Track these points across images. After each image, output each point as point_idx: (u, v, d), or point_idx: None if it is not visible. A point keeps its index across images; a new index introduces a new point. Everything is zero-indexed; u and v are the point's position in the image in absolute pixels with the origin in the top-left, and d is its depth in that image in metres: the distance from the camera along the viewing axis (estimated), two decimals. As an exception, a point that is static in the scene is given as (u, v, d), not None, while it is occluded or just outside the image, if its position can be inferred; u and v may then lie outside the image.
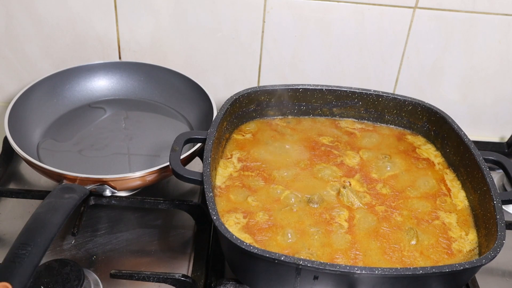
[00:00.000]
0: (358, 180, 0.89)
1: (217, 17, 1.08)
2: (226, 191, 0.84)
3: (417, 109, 0.98)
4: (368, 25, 1.08)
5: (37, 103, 1.04)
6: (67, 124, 1.06)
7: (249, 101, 0.97)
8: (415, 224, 0.82)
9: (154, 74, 1.13)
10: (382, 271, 0.67)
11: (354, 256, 0.76)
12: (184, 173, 0.78)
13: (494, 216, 0.76)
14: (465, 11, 1.05)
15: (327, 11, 1.07)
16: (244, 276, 0.78)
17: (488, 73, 1.14)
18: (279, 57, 1.14)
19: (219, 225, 0.70)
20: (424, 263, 0.76)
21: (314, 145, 0.96)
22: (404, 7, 1.05)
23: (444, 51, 1.11)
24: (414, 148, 0.97)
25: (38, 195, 0.93)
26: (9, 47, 1.13)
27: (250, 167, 0.89)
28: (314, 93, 0.99)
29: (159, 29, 1.11)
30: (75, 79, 1.10)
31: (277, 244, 0.76)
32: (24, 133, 0.98)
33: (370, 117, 1.02)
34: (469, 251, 0.79)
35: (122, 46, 1.14)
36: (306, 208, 0.83)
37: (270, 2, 1.06)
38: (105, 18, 1.10)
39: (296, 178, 0.88)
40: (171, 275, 0.80)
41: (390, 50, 1.12)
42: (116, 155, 1.00)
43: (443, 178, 0.91)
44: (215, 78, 1.17)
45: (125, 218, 0.96)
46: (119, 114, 1.10)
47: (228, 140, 0.94)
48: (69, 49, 1.14)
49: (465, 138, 0.89)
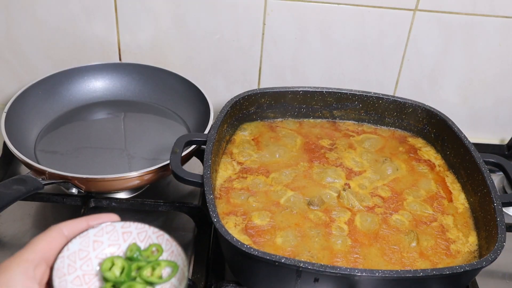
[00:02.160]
0: (359, 182, 0.89)
1: (217, 19, 1.09)
2: (226, 194, 0.84)
3: (417, 112, 0.98)
4: (368, 28, 1.08)
5: (35, 103, 1.04)
6: (65, 125, 1.06)
7: (250, 103, 0.97)
8: (414, 226, 0.82)
9: (153, 76, 1.13)
10: (382, 273, 0.67)
11: (354, 259, 0.76)
12: (184, 175, 0.78)
13: (494, 218, 0.76)
14: (465, 13, 1.05)
15: (328, 13, 1.07)
16: (245, 278, 0.78)
17: (488, 75, 1.14)
18: (280, 59, 1.14)
19: (220, 227, 0.70)
20: (423, 265, 0.76)
21: (314, 147, 0.96)
22: (404, 10, 1.05)
23: (444, 54, 1.11)
24: (415, 150, 0.97)
25: (38, 197, 0.93)
26: (9, 50, 1.14)
27: (250, 169, 0.89)
28: (315, 96, 0.99)
29: (159, 32, 1.11)
30: (74, 79, 1.10)
31: (277, 246, 0.76)
32: (21, 134, 0.98)
33: (371, 120, 1.02)
34: (468, 252, 0.79)
35: (122, 48, 1.14)
36: (306, 210, 0.83)
37: (270, 5, 1.06)
38: (106, 20, 1.10)
39: (296, 180, 0.88)
40: (171, 277, 0.80)
41: (390, 53, 1.12)
42: (114, 156, 1.00)
43: (444, 180, 0.91)
44: (215, 80, 1.17)
45: (125, 220, 0.96)
46: (118, 115, 1.10)
47: (229, 142, 0.94)
48: (69, 52, 1.14)
49: (465, 140, 0.89)
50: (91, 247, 0.57)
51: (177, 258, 0.58)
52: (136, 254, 0.58)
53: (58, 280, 0.52)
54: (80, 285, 0.55)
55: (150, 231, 0.59)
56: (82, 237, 0.56)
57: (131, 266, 0.57)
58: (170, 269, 0.57)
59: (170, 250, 0.58)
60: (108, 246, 0.58)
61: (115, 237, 0.59)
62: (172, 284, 0.56)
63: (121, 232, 0.59)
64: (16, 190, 0.79)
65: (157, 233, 0.59)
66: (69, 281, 0.54)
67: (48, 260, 0.52)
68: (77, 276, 0.55)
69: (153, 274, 0.57)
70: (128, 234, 0.59)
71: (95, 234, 0.57)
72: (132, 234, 0.59)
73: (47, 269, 0.52)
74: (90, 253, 0.57)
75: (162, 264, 0.57)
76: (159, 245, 0.59)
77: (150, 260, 0.58)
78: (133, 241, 0.59)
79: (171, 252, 0.58)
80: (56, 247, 0.53)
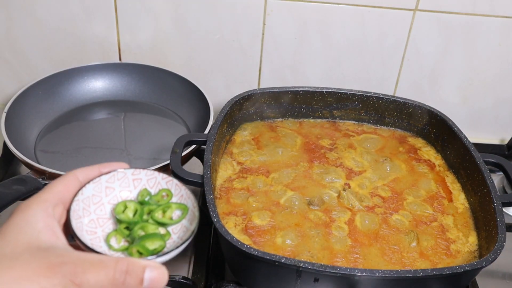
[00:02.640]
0: (359, 182, 0.89)
1: (217, 19, 1.09)
2: (226, 194, 0.84)
3: (417, 112, 0.98)
4: (368, 28, 1.08)
5: (35, 103, 1.04)
6: (65, 125, 1.06)
7: (250, 103, 0.97)
8: (414, 226, 0.82)
9: (153, 76, 1.13)
10: (382, 273, 0.67)
11: (354, 259, 0.76)
12: (184, 175, 0.78)
13: (494, 218, 0.76)
14: (465, 13, 1.05)
15: (328, 13, 1.07)
16: (245, 278, 0.78)
17: (488, 75, 1.14)
18: (280, 59, 1.14)
19: (220, 227, 0.70)
20: (423, 265, 0.76)
21: (314, 147, 0.96)
22: (404, 10, 1.06)
23: (444, 54, 1.11)
24: (415, 150, 0.97)
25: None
26: (9, 50, 1.14)
27: (250, 169, 0.89)
28: (315, 96, 0.99)
29: (159, 32, 1.11)
30: (74, 79, 1.10)
31: (277, 246, 0.76)
32: (21, 134, 0.99)
33: (371, 120, 1.02)
34: (468, 252, 0.79)
35: (122, 48, 1.14)
36: (306, 210, 0.83)
37: (270, 5, 1.06)
38: (106, 20, 1.10)
39: (296, 180, 0.88)
40: (171, 277, 0.80)
41: (390, 53, 1.12)
42: (114, 156, 1.00)
43: (444, 180, 0.91)
44: (215, 80, 1.17)
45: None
46: (118, 115, 1.10)
47: (229, 142, 0.94)
48: (69, 52, 1.14)
49: (465, 140, 0.89)
50: (103, 193, 0.59)
51: (187, 201, 0.60)
52: (147, 198, 0.60)
53: (75, 221, 0.54)
54: (95, 227, 0.57)
55: (160, 177, 0.61)
56: (95, 183, 0.58)
57: (143, 209, 0.59)
58: (180, 212, 0.59)
59: (179, 194, 0.60)
60: (120, 192, 0.60)
61: (126, 183, 0.60)
62: (183, 225, 0.59)
63: (131, 179, 0.61)
64: (16, 190, 0.79)
65: (166, 179, 0.61)
66: (84, 223, 0.56)
67: (65, 202, 0.54)
68: (92, 220, 0.57)
69: (164, 216, 0.59)
70: (139, 181, 0.61)
71: (107, 181, 0.59)
72: (142, 180, 0.61)
73: (64, 210, 0.54)
74: (103, 199, 0.59)
75: (172, 207, 0.59)
76: (168, 190, 0.61)
77: (161, 204, 0.60)
78: (143, 187, 0.61)
79: (181, 196, 0.60)
80: (72, 190, 0.55)
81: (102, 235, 0.57)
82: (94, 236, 0.56)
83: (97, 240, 0.56)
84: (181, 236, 0.57)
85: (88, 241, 0.53)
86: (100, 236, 0.57)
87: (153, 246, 0.55)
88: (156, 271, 0.48)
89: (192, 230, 0.57)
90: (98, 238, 0.56)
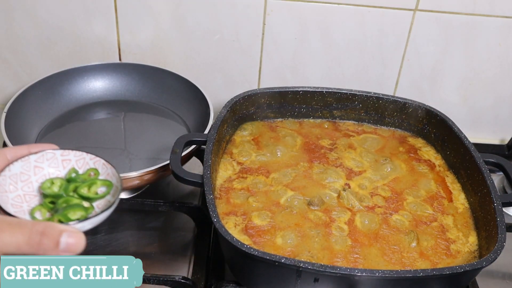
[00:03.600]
0: (359, 182, 0.89)
1: (217, 19, 1.09)
2: (226, 194, 0.84)
3: (417, 112, 0.98)
4: (369, 28, 1.08)
5: (35, 103, 1.04)
6: (65, 125, 1.06)
7: (250, 103, 0.97)
8: (414, 226, 0.82)
9: (153, 76, 1.13)
10: (382, 273, 0.67)
11: (354, 259, 0.76)
12: (184, 175, 0.78)
13: (494, 218, 0.76)
14: (466, 13, 1.05)
15: (328, 13, 1.07)
16: (245, 278, 0.78)
17: (488, 75, 1.14)
18: (280, 59, 1.14)
19: (220, 227, 0.70)
20: (423, 265, 0.76)
21: (314, 147, 0.96)
22: (404, 10, 1.06)
23: (444, 54, 1.11)
24: (415, 150, 0.97)
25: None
26: (9, 50, 1.14)
27: (250, 169, 0.89)
28: (315, 96, 0.99)
29: (159, 32, 1.11)
30: (74, 79, 1.10)
31: (277, 246, 0.76)
32: (21, 134, 0.98)
33: (371, 120, 1.02)
34: (468, 252, 0.79)
35: (122, 48, 1.14)
36: (306, 210, 0.83)
37: (270, 5, 1.06)
38: (106, 20, 1.10)
39: (296, 180, 0.88)
40: (171, 277, 0.80)
41: (390, 53, 1.12)
42: (114, 156, 1.00)
43: (444, 180, 0.91)
44: (215, 80, 1.17)
45: (125, 220, 0.96)
46: (118, 115, 1.10)
47: (229, 142, 0.94)
48: (69, 52, 1.14)
49: (465, 140, 0.89)
50: (32, 172, 0.61)
51: (112, 178, 0.63)
52: (73, 175, 0.63)
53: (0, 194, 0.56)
54: (21, 202, 0.60)
55: (88, 158, 0.64)
56: (24, 161, 0.61)
57: (69, 185, 0.61)
58: (105, 188, 0.62)
59: (106, 172, 0.63)
60: (49, 172, 0.63)
61: (55, 164, 0.63)
62: (107, 200, 0.61)
63: (60, 159, 0.63)
64: None
65: (94, 159, 0.64)
66: (10, 197, 0.58)
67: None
68: (18, 195, 0.60)
69: (90, 191, 0.62)
70: (68, 162, 0.64)
71: (36, 160, 0.62)
72: (71, 161, 0.64)
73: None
74: (31, 177, 0.61)
75: (97, 183, 0.62)
76: (95, 169, 0.64)
77: (87, 181, 0.62)
78: (72, 167, 0.64)
79: (107, 174, 0.63)
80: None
81: (27, 209, 0.59)
82: (19, 210, 0.58)
83: (22, 213, 0.58)
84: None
85: (12, 212, 0.55)
86: (25, 210, 0.59)
87: (75, 216, 0.57)
88: (74, 236, 0.49)
89: (113, 201, 0.59)
90: (23, 211, 0.59)
